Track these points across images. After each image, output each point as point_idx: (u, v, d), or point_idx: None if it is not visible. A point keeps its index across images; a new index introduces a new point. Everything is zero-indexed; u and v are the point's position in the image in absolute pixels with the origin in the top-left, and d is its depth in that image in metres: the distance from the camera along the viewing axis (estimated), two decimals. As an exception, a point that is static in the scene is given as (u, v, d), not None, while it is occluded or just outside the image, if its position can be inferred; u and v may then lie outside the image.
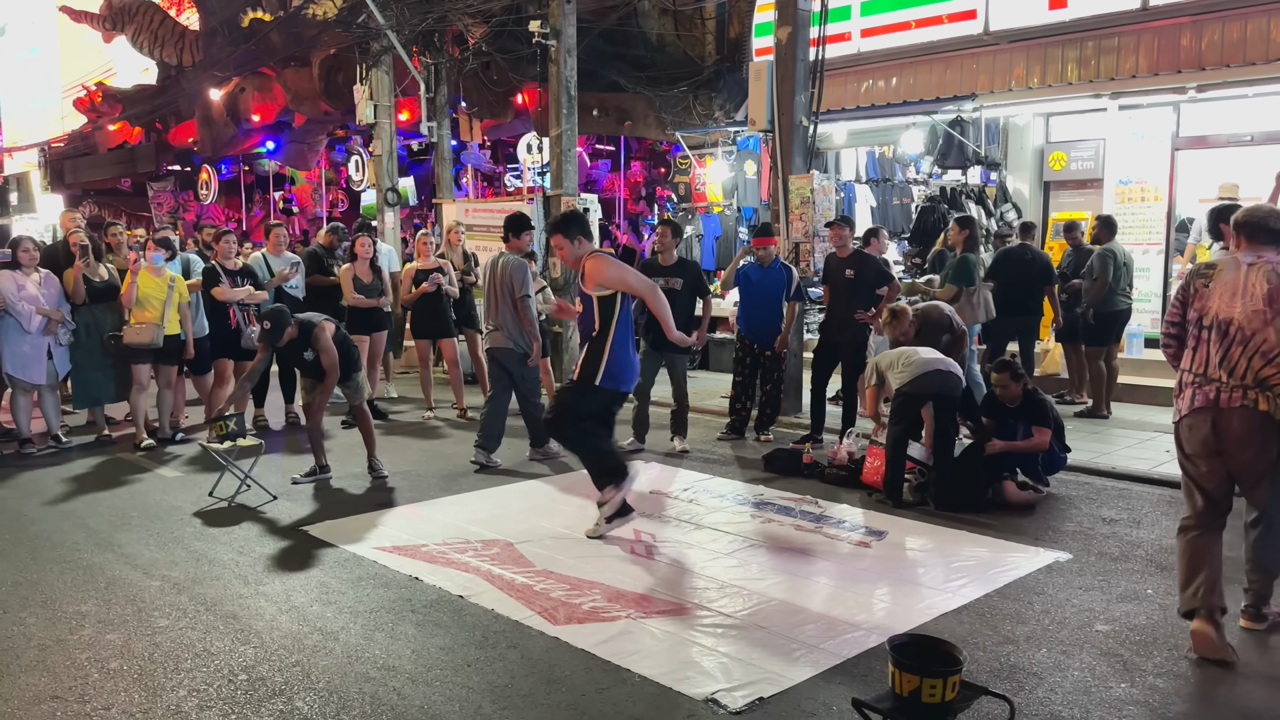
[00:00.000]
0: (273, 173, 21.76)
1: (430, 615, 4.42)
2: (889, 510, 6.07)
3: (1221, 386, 3.92)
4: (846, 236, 7.89)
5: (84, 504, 6.35)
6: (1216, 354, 3.95)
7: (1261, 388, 3.85)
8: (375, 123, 13.25)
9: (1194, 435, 4.02)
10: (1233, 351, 3.91)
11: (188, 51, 20.05)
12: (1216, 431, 3.94)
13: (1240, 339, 3.89)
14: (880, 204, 12.84)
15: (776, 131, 9.11)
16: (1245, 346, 3.88)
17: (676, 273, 7.63)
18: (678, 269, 7.68)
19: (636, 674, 3.81)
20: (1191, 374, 4.04)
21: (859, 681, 3.74)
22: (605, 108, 13.88)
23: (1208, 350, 3.99)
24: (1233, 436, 3.91)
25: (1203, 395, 3.97)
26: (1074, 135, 11.53)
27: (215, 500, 6.34)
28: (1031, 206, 11.70)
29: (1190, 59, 9.67)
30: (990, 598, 4.62)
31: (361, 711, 3.54)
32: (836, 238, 7.89)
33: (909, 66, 11.66)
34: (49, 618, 4.45)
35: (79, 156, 25.38)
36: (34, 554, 5.35)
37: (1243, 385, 3.88)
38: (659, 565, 5.10)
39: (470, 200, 14.70)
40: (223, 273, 8.21)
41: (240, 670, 3.88)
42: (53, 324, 7.63)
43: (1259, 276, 3.91)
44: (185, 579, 4.93)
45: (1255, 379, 3.86)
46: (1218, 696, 3.68)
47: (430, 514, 6.07)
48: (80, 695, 3.70)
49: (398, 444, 8.10)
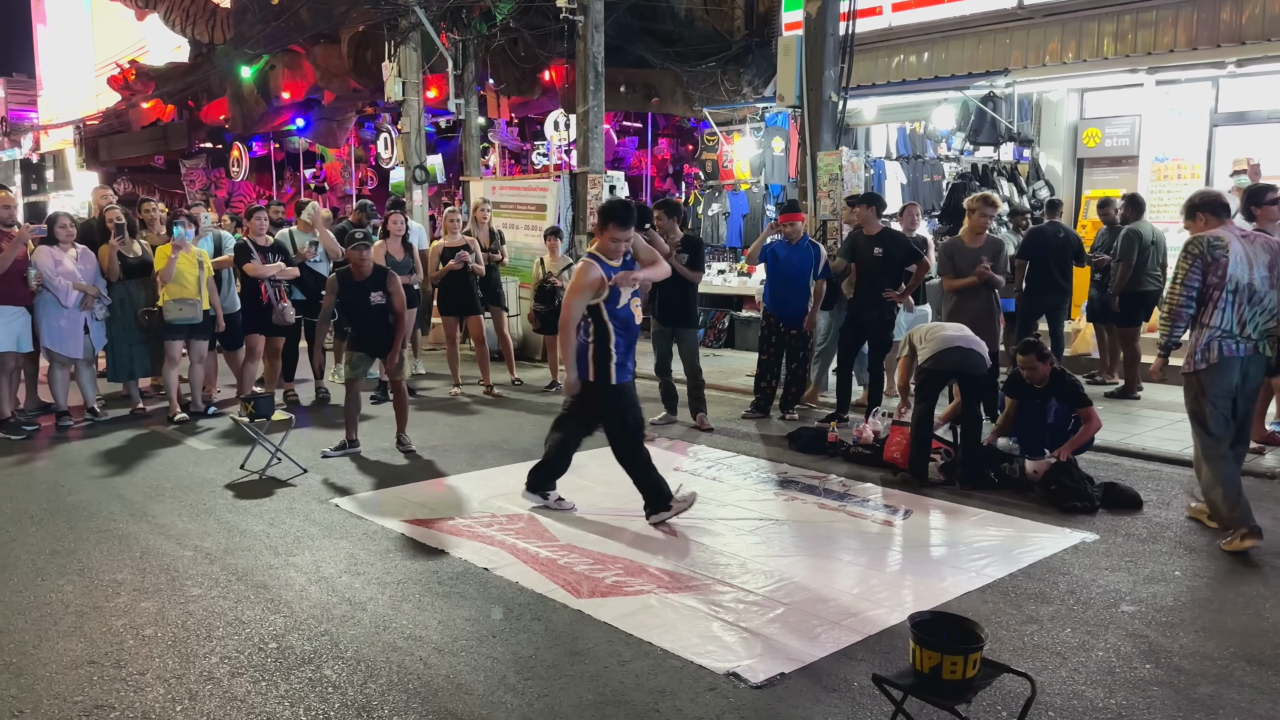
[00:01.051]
0: (303, 150, 21.89)
1: (456, 587, 4.48)
2: (913, 489, 6.06)
3: (1242, 340, 4.87)
4: (868, 216, 7.68)
5: (119, 475, 6.48)
6: (1237, 314, 4.86)
7: (1264, 339, 4.91)
8: (404, 100, 13.29)
9: (1225, 380, 4.90)
10: (1248, 310, 4.86)
11: (219, 28, 20.16)
12: (1242, 375, 4.91)
13: (1254, 299, 4.85)
14: (910, 181, 12.69)
15: (805, 107, 9.04)
16: (1256, 306, 4.86)
17: (679, 250, 7.54)
18: (682, 249, 7.58)
19: (658, 647, 3.85)
20: (1220, 330, 4.87)
21: (880, 658, 3.75)
22: (633, 84, 13.82)
23: (1232, 310, 4.85)
24: (1251, 379, 4.96)
25: (1229, 347, 4.86)
26: (1109, 111, 11.35)
27: (247, 473, 6.45)
28: (1064, 184, 11.54)
29: (1231, 33, 9.46)
30: (1014, 577, 4.61)
31: (388, 680, 3.60)
32: (859, 217, 7.75)
33: (941, 41, 11.51)
34: (86, 585, 4.56)
35: (113, 134, 25.66)
36: (71, 524, 5.47)
37: (1254, 338, 4.89)
38: (682, 541, 5.13)
39: (497, 178, 14.71)
40: (254, 249, 8.29)
41: (270, 639, 3.96)
42: (89, 299, 7.76)
43: (1258, 248, 4.90)
44: (217, 549, 5.02)
45: (1259, 332, 4.89)
46: (1244, 679, 3.65)
47: (457, 488, 6.14)
48: (116, 661, 3.79)
49: (425, 419, 8.18)
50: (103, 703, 3.47)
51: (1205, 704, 3.46)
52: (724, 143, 13.51)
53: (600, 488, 6.07)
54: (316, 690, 3.54)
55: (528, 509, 5.63)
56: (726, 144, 13.49)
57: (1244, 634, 4.02)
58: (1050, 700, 3.43)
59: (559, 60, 13.52)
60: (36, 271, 7.55)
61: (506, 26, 13.07)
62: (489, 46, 13.68)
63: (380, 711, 3.39)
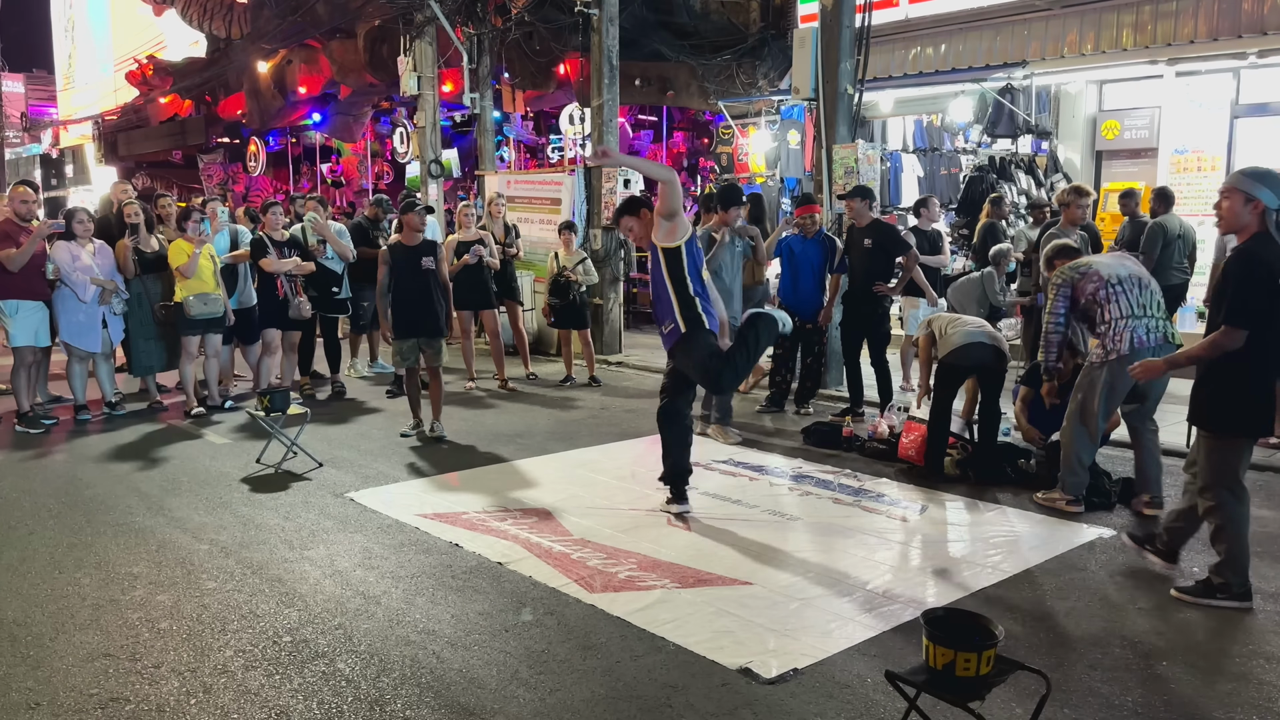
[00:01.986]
0: (319, 145, 21.97)
1: (470, 581, 4.49)
2: (928, 485, 6.02)
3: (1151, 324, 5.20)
4: (860, 209, 7.70)
5: (136, 469, 6.53)
6: (1132, 299, 5.19)
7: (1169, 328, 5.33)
8: (419, 94, 13.31)
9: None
10: (1140, 294, 5.25)
11: (236, 24, 20.25)
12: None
13: (1141, 285, 5.28)
14: (928, 174, 12.61)
15: (821, 100, 8.98)
16: (1147, 290, 5.26)
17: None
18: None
19: (671, 642, 3.85)
20: (1127, 317, 5.19)
21: (894, 654, 3.73)
22: (648, 77, 13.78)
23: (1126, 297, 5.20)
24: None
25: (1139, 337, 5.15)
26: (1128, 103, 11.22)
27: (262, 467, 6.48)
28: (1083, 176, 11.42)
29: (1252, 23, 9.34)
30: (1030, 573, 4.58)
31: (402, 674, 3.61)
32: (850, 211, 7.79)
33: (958, 33, 11.41)
34: (102, 578, 4.60)
35: (131, 129, 25.84)
36: (88, 517, 5.51)
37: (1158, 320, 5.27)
38: (695, 536, 5.12)
39: (512, 172, 14.72)
40: (270, 244, 8.33)
41: (285, 632, 3.98)
42: (107, 293, 7.81)
43: (1123, 258, 5.55)
44: (233, 543, 5.05)
45: (1162, 311, 5.32)
46: (1262, 676, 3.61)
47: (471, 482, 6.15)
48: (131, 653, 3.82)
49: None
50: (118, 695, 3.49)
51: (1223, 701, 3.42)
52: (739, 136, 13.46)
53: (614, 482, 6.06)
54: (330, 684, 3.55)
55: (542, 503, 5.63)
56: (742, 137, 13.44)
57: (1260, 631, 3.98)
58: (1065, 697, 3.40)
59: (574, 54, 13.50)
60: (55, 266, 7.61)
61: (521, 20, 13.06)
62: (504, 40, 13.67)
63: (393, 705, 3.40)
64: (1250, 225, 3.99)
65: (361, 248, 9.26)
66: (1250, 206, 3.96)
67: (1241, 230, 4.02)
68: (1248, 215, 3.98)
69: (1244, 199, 3.97)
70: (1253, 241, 3.99)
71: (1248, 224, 3.99)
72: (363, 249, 9.25)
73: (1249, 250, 3.97)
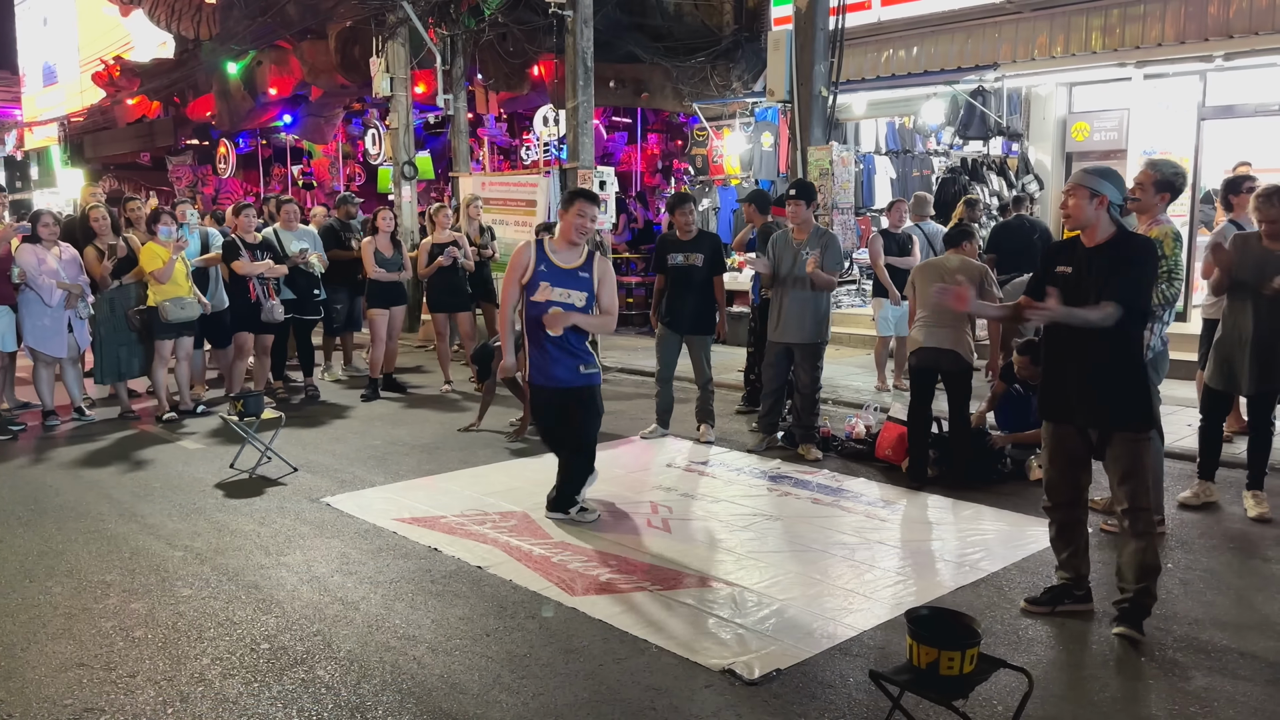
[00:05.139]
0: (290, 147, 21.76)
1: (449, 586, 4.46)
2: (906, 484, 6.05)
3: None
4: (752, 214, 7.78)
5: (107, 475, 6.43)
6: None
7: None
8: (391, 95, 13.22)
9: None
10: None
11: (205, 24, 20.01)
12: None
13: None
14: (900, 176, 12.71)
15: (795, 102, 9.03)
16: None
17: (696, 248, 7.03)
18: (697, 243, 7.07)
19: (654, 644, 3.84)
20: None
21: (876, 654, 3.75)
22: (622, 79, 13.78)
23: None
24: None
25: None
26: (1097, 105, 11.37)
27: (236, 472, 6.41)
28: (1054, 178, 11.56)
29: (1218, 27, 9.49)
30: (1009, 571, 4.61)
31: (382, 680, 3.58)
32: (748, 214, 7.89)
33: (930, 35, 11.50)
34: (75, 587, 4.52)
35: (98, 131, 25.46)
36: (59, 524, 5.42)
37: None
38: (675, 538, 5.11)
39: (486, 173, 14.65)
40: (242, 246, 8.24)
41: (262, 639, 3.93)
42: (73, 297, 7.69)
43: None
44: (207, 549, 4.98)
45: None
46: (1238, 671, 3.66)
47: (449, 486, 6.11)
48: (106, 663, 3.75)
49: (416, 417, 8.14)
50: (93, 705, 3.43)
51: (1199, 696, 3.46)
52: (714, 138, 13.48)
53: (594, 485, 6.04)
54: (309, 691, 3.51)
55: (521, 506, 5.60)
56: (716, 139, 13.47)
57: (1237, 626, 4.03)
58: (1046, 694, 3.43)
59: (548, 55, 13.47)
60: (20, 270, 7.48)
61: (495, 21, 13.01)
62: (477, 41, 13.62)
63: (374, 712, 3.36)
64: (1096, 221, 3.91)
65: (334, 250, 9.18)
66: (1095, 202, 3.90)
67: (1089, 227, 3.94)
68: (1092, 211, 3.91)
69: (1089, 194, 3.90)
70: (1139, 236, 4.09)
71: (1092, 220, 3.92)
72: (335, 251, 9.17)
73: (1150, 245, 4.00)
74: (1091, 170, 4.04)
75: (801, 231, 6.60)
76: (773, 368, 6.80)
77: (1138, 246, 3.92)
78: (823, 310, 6.65)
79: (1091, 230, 3.95)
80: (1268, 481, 5.49)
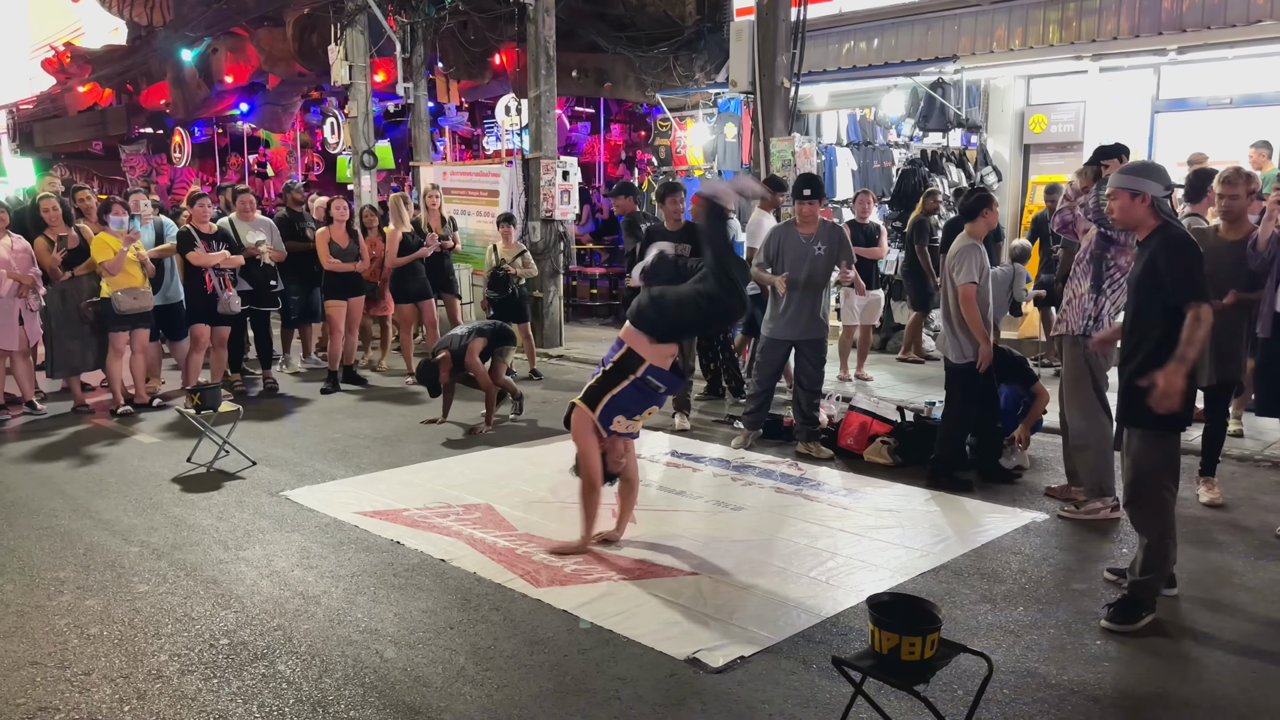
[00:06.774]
0: (247, 135, 21.40)
1: (412, 579, 4.42)
2: (867, 472, 6.11)
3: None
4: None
5: (60, 470, 6.30)
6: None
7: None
8: (350, 84, 13.02)
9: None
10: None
11: (158, 10, 19.59)
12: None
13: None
14: (861, 167, 12.75)
15: (758, 93, 9.04)
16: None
17: (684, 238, 6.65)
18: (685, 234, 6.76)
19: (619, 635, 3.84)
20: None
21: (839, 640, 3.78)
22: (584, 69, 13.70)
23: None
24: None
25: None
26: (1054, 98, 11.50)
27: (194, 466, 6.30)
28: (1012, 169, 11.68)
29: (1172, 21, 9.64)
30: (968, 557, 4.67)
31: (344, 674, 3.54)
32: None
33: (890, 27, 11.57)
34: (26, 584, 4.42)
35: (49, 119, 24.86)
36: (10, 521, 5.30)
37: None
38: (641, 528, 5.12)
39: (448, 163, 14.52)
40: (198, 237, 8.09)
41: (221, 635, 3.88)
42: (24, 288, 7.51)
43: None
44: (164, 544, 4.90)
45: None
46: (1191, 654, 3.74)
47: (411, 479, 6.06)
48: (60, 661, 3.68)
49: (378, 410, 8.07)
50: (47, 704, 3.37)
51: (1153, 679, 3.53)
52: (677, 128, 13.45)
53: (557, 476, 6.02)
54: (270, 686, 3.47)
55: (484, 499, 5.57)
56: (679, 130, 13.44)
57: (1191, 609, 4.12)
58: (1005, 678, 3.48)
59: (509, 44, 13.35)
60: (-32, 261, 7.29)
61: (456, 9, 12.88)
62: (438, 30, 13.46)
63: (336, 706, 3.33)
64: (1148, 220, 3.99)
65: (290, 241, 9.04)
66: (1138, 201, 3.97)
67: (1140, 225, 4.02)
68: (1139, 210, 3.96)
69: (1130, 195, 3.98)
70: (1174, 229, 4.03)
71: (1140, 219, 4.00)
72: (291, 243, 9.03)
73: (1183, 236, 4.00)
74: (1128, 170, 4.09)
75: (809, 226, 6.58)
76: (771, 365, 6.79)
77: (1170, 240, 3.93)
78: (825, 304, 6.76)
79: (1143, 229, 4.03)
80: (1219, 469, 5.62)
